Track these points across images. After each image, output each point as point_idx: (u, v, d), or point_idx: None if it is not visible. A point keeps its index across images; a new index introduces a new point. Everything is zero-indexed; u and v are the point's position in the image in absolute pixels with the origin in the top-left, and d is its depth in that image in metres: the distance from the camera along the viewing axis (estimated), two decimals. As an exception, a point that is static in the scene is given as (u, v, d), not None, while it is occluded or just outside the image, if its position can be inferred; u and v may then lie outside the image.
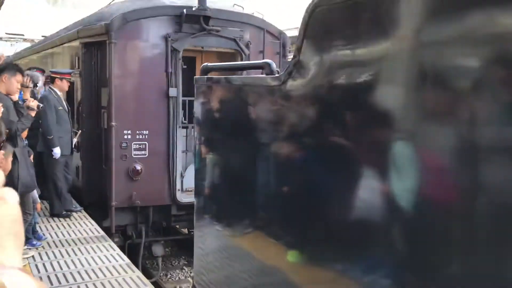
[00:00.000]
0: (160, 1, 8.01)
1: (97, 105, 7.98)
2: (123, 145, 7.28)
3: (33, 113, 5.64)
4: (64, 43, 9.30)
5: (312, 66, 2.29)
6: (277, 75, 2.60)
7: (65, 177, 7.45)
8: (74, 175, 8.01)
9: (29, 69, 8.82)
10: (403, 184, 1.85)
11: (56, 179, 7.30)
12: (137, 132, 7.34)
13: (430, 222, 1.73)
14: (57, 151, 7.09)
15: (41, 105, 6.02)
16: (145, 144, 7.38)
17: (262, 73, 2.92)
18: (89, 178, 8.09)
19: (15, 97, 5.53)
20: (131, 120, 7.31)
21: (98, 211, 7.98)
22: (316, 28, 2.25)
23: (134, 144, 7.33)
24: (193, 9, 7.33)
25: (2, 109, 4.72)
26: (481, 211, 1.56)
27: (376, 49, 1.92)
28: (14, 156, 4.90)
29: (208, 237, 3.63)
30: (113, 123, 7.17)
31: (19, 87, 5.54)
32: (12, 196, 0.74)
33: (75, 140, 7.62)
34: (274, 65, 2.84)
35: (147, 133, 7.37)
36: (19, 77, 5.40)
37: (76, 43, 8.39)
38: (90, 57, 8.00)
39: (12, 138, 5.02)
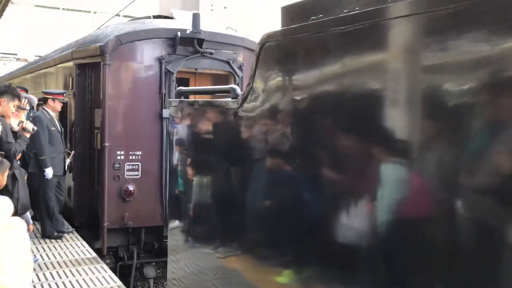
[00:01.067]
0: (154, 23, 8.12)
1: (91, 126, 8.00)
2: (116, 165, 7.28)
3: (28, 135, 5.68)
4: (58, 64, 9.35)
5: (262, 92, 2.71)
6: (236, 99, 3.03)
7: (57, 198, 7.41)
8: (66, 196, 7.98)
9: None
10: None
11: (48, 200, 7.27)
12: (130, 152, 7.35)
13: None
14: (49, 172, 7.07)
15: (35, 128, 6.06)
16: (138, 164, 7.39)
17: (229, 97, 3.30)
18: (81, 198, 8.06)
19: (8, 120, 5.59)
20: (124, 140, 7.33)
21: (90, 232, 7.93)
22: (266, 59, 2.68)
23: (127, 164, 7.34)
24: (187, 31, 7.43)
25: (1, 128, 4.75)
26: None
27: (311, 77, 2.38)
28: (14, 177, 4.92)
29: (182, 261, 3.74)
30: (106, 144, 7.18)
31: (14, 111, 5.61)
32: (21, 224, 0.77)
33: (68, 160, 7.60)
34: (238, 90, 3.18)
35: (140, 154, 7.39)
36: (16, 102, 5.50)
37: (70, 64, 8.45)
38: (84, 78, 8.06)
39: (10, 160, 5.05)
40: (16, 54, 25.91)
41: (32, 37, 26.19)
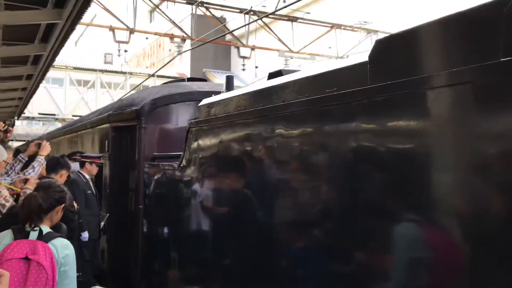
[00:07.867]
0: (188, 86, 8.27)
1: (125, 188, 8.03)
2: (149, 228, 7.22)
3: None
4: (95, 126, 9.58)
5: (188, 159, 4.89)
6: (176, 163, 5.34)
7: (91, 261, 7.37)
8: (99, 259, 7.93)
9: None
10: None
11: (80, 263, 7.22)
12: (164, 214, 7.29)
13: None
14: (86, 235, 7.07)
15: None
16: (172, 227, 7.31)
17: None
18: (114, 261, 7.99)
19: None
20: (158, 203, 7.29)
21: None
22: (189, 138, 4.92)
23: (160, 227, 7.26)
24: (221, 94, 7.51)
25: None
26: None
27: (206, 150, 4.69)
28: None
29: None
30: (141, 206, 7.17)
31: None
32: None
33: (102, 223, 7.61)
34: None
35: (174, 216, 7.32)
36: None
37: (106, 126, 8.63)
38: (120, 141, 8.18)
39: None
40: (54, 115, 26.90)
41: (70, 99, 27.21)
